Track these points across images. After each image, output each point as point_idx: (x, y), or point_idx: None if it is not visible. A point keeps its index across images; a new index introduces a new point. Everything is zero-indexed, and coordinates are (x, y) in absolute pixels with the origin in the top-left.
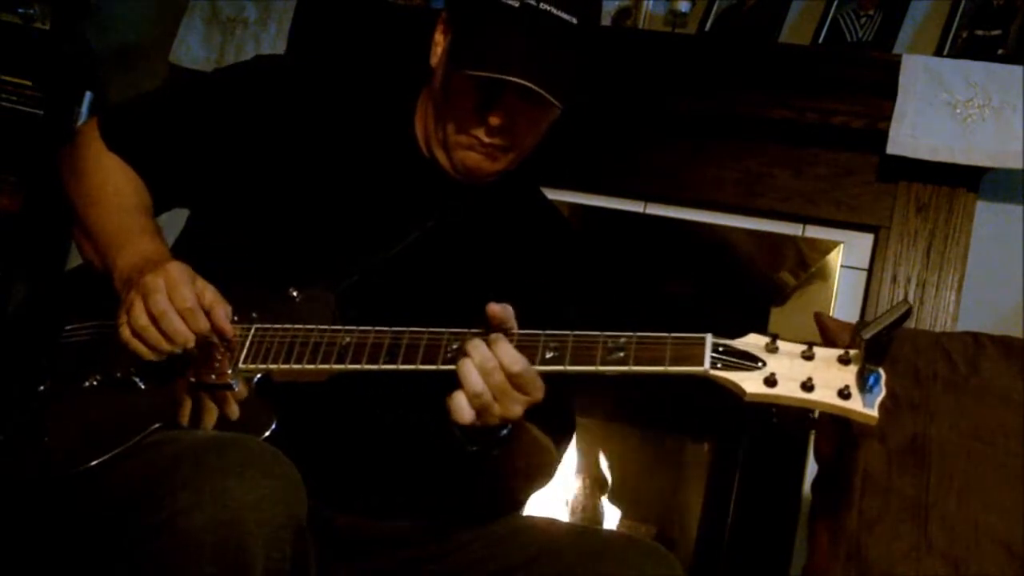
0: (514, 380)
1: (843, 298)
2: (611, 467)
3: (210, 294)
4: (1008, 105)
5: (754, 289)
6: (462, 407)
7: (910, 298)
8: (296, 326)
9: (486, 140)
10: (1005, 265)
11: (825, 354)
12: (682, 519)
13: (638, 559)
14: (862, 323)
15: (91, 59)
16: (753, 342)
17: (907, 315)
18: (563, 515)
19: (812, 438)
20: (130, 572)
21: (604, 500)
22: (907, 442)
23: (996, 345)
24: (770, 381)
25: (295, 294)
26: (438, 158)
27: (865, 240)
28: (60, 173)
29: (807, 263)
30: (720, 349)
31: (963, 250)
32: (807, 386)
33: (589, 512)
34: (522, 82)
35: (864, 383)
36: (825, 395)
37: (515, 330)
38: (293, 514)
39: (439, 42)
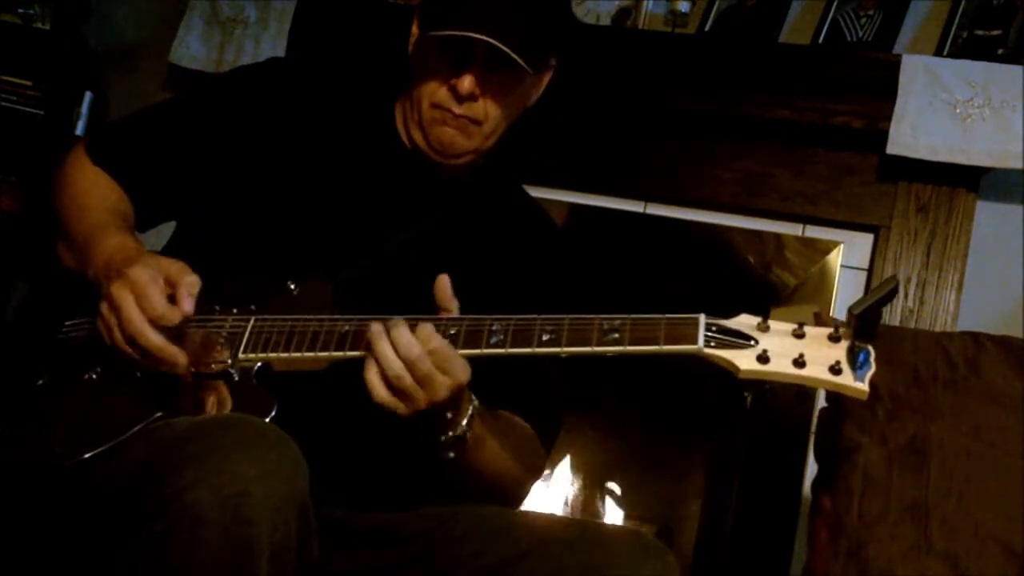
0: (433, 357)
1: (843, 298)
2: (611, 467)
3: (175, 271)
4: (1008, 105)
5: (754, 289)
6: (374, 381)
7: (910, 298)
8: (295, 316)
9: (456, 111)
10: (1005, 265)
11: (816, 332)
12: (682, 519)
13: (631, 551)
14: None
15: (91, 59)
16: (745, 321)
17: (895, 292)
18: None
19: (812, 438)
20: (137, 550)
21: (604, 499)
22: (907, 442)
23: (996, 345)
24: (763, 358)
25: (293, 287)
26: (416, 141)
27: (865, 240)
28: (50, 187)
29: (807, 263)
30: (713, 328)
31: (963, 250)
32: (799, 362)
33: (590, 512)
34: (484, 38)
35: (855, 359)
36: (816, 371)
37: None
38: (297, 489)
39: (415, 32)
